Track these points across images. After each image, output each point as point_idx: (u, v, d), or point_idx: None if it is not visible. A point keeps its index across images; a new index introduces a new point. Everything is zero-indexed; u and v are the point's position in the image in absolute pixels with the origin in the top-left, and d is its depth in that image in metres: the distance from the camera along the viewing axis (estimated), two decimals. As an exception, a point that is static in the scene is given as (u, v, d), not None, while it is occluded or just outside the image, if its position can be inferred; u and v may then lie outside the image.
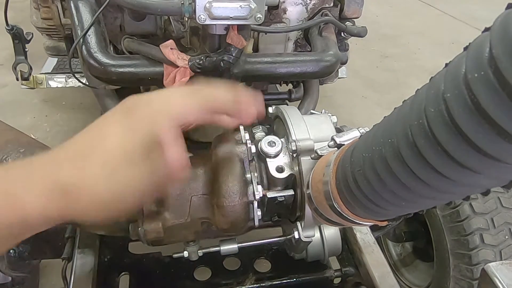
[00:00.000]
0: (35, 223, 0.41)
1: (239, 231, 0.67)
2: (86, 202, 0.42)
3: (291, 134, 0.59)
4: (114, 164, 0.42)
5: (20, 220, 0.40)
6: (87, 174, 0.42)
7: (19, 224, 0.40)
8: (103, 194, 0.43)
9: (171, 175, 0.44)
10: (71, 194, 0.41)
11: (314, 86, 1.02)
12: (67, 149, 0.44)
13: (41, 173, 0.42)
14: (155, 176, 0.44)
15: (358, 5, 1.00)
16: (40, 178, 0.41)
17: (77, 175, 0.41)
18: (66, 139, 0.45)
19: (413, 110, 0.30)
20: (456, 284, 1.05)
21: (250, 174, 0.61)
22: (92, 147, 0.43)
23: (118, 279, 0.89)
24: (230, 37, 0.74)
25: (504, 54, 0.21)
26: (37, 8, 0.99)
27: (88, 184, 0.42)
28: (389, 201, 0.36)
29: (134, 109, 0.44)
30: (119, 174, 0.42)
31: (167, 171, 0.44)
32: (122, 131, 0.43)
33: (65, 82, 1.46)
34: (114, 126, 0.43)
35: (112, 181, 0.42)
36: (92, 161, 0.42)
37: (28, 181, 0.41)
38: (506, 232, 1.00)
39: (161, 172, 0.44)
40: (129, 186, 0.43)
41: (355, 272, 0.93)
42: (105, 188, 0.42)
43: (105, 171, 0.42)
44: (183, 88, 0.46)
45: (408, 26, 3.56)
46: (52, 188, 0.41)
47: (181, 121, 0.43)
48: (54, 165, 0.42)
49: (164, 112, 0.43)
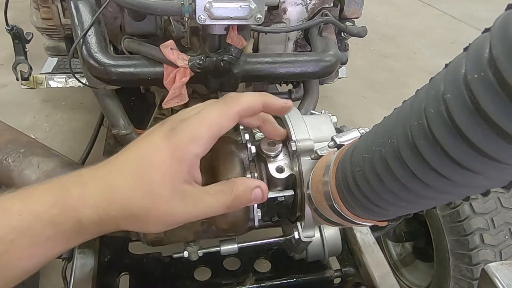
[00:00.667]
0: (89, 232, 0.43)
1: (239, 231, 0.67)
2: (153, 222, 0.45)
3: (291, 135, 0.59)
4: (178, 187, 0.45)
5: (75, 228, 0.42)
6: (155, 197, 0.44)
7: (74, 231, 0.42)
8: (177, 217, 0.45)
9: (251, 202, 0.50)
10: (137, 217, 0.43)
11: (314, 86, 1.02)
12: (119, 167, 0.46)
13: (95, 188, 0.43)
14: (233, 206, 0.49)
15: (358, 5, 1.00)
16: (95, 191, 0.43)
17: (144, 198, 0.43)
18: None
19: (413, 111, 0.30)
20: (456, 284, 1.05)
21: (250, 174, 0.61)
22: (149, 168, 0.44)
23: (118, 279, 0.89)
24: (230, 37, 0.74)
25: (504, 54, 0.21)
26: (37, 8, 0.99)
27: (161, 208, 0.44)
28: (389, 202, 0.36)
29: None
30: (193, 199, 0.46)
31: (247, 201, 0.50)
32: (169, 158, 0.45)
33: (65, 82, 1.46)
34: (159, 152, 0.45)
35: (189, 206, 0.45)
36: (158, 184, 0.44)
37: (84, 195, 0.42)
38: (506, 232, 1.00)
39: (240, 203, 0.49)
40: (206, 213, 0.47)
41: (355, 272, 0.93)
42: (182, 212, 0.45)
43: (177, 195, 0.45)
44: (216, 101, 0.50)
45: (408, 26, 3.56)
46: (108, 205, 0.43)
47: (219, 131, 0.47)
48: (106, 183, 0.44)
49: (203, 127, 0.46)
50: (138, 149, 0.46)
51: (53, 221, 0.40)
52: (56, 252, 0.43)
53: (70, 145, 1.94)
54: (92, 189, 0.43)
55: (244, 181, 0.50)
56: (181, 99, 0.80)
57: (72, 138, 2.00)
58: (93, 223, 0.42)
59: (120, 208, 0.43)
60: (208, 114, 0.46)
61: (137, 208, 0.43)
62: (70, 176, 0.44)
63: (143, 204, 0.43)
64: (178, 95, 0.79)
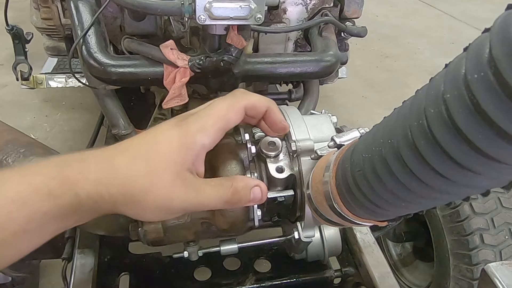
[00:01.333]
0: (85, 210, 0.42)
1: (239, 231, 0.67)
2: (151, 206, 0.44)
3: (291, 135, 0.59)
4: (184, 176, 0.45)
5: (73, 204, 0.41)
6: (157, 180, 0.43)
7: (71, 207, 0.41)
8: (176, 204, 0.45)
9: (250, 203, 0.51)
10: (136, 197, 0.43)
11: (314, 86, 1.02)
12: (124, 148, 0.46)
13: (97, 164, 0.43)
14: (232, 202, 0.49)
15: (358, 5, 1.00)
16: (96, 167, 0.43)
17: (145, 179, 0.43)
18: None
19: (413, 111, 0.30)
20: (456, 284, 1.05)
21: (250, 174, 0.61)
22: (154, 153, 0.45)
23: (118, 279, 0.89)
24: (230, 37, 0.74)
25: (504, 55, 0.21)
26: (37, 8, 0.99)
27: (161, 192, 0.43)
28: (389, 202, 0.36)
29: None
30: (195, 188, 0.46)
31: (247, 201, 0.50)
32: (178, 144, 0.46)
33: (65, 82, 1.46)
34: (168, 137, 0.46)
35: (189, 194, 0.45)
36: (161, 168, 0.44)
37: (85, 169, 0.42)
38: (506, 232, 1.00)
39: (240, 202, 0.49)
40: (204, 204, 0.47)
41: (355, 272, 0.93)
42: (181, 199, 0.45)
43: (178, 181, 0.44)
44: (226, 96, 0.52)
45: (408, 26, 3.56)
46: (108, 181, 0.42)
47: (226, 124, 0.48)
48: (109, 161, 0.44)
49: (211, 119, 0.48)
50: (146, 134, 0.47)
51: (51, 194, 0.39)
52: (50, 231, 0.42)
53: (70, 145, 1.94)
54: (94, 165, 0.43)
55: (244, 178, 0.51)
56: (181, 99, 0.80)
57: (72, 138, 2.00)
58: (91, 199, 0.41)
59: (120, 186, 0.42)
60: (216, 107, 0.48)
61: (137, 187, 0.43)
62: (71, 154, 0.44)
63: (144, 184, 0.43)
64: (178, 95, 0.79)
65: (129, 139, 0.48)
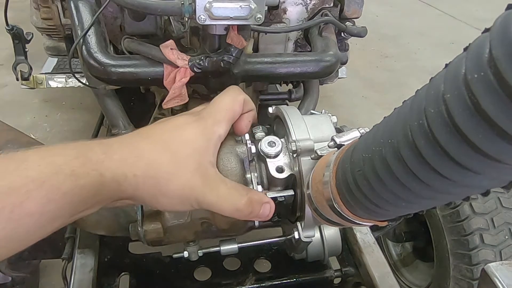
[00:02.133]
0: (105, 192, 0.41)
1: (239, 231, 0.67)
2: (172, 192, 0.44)
3: (291, 134, 0.59)
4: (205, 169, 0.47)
5: (94, 186, 0.40)
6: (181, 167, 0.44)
7: (92, 189, 0.40)
8: (195, 195, 0.45)
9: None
10: (159, 180, 0.43)
11: (314, 86, 1.02)
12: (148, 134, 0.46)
13: (120, 147, 0.43)
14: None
15: (358, 5, 1.00)
16: (120, 150, 0.43)
17: (170, 164, 0.44)
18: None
19: (413, 111, 0.30)
20: (456, 284, 1.05)
21: (250, 174, 0.61)
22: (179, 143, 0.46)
23: (118, 279, 0.89)
24: (230, 37, 0.74)
25: (504, 55, 0.21)
26: (37, 8, 0.99)
27: (184, 179, 0.44)
28: (389, 202, 0.36)
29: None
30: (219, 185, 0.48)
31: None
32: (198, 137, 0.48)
33: (65, 82, 1.46)
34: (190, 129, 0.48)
35: (206, 187, 0.46)
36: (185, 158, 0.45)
37: (109, 151, 0.42)
38: (506, 232, 1.00)
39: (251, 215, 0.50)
40: (215, 203, 0.47)
41: (355, 272, 0.93)
42: (200, 191, 0.45)
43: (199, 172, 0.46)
44: (226, 92, 0.55)
45: (408, 26, 3.56)
46: (133, 162, 0.42)
47: (233, 116, 0.53)
48: (132, 144, 0.44)
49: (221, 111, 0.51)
50: (165, 124, 0.48)
51: (74, 173, 0.38)
52: (66, 214, 0.39)
53: (70, 145, 1.93)
54: (117, 148, 0.42)
55: (258, 193, 0.52)
56: (181, 99, 0.80)
57: (72, 138, 1.99)
58: (114, 180, 0.40)
59: (145, 168, 0.42)
60: (223, 102, 0.52)
61: (162, 171, 0.43)
62: (89, 141, 0.43)
63: (169, 168, 0.43)
64: (178, 95, 0.79)
65: (147, 126, 0.48)
